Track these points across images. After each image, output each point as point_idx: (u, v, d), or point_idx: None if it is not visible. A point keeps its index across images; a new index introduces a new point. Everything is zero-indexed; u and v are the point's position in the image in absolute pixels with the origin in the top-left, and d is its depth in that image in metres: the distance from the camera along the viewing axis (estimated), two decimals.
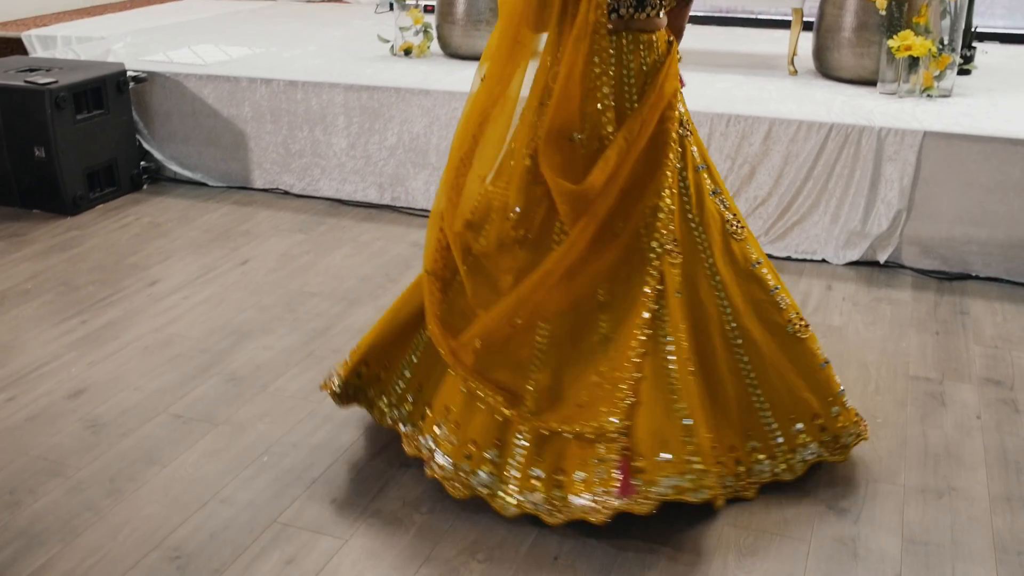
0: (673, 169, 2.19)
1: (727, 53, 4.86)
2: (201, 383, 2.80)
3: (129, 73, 4.40)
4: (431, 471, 2.23)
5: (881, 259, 3.58)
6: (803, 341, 2.30)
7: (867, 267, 3.59)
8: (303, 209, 4.23)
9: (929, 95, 3.84)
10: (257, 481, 2.36)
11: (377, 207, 4.24)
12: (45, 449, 2.49)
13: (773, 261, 2.89)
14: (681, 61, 2.28)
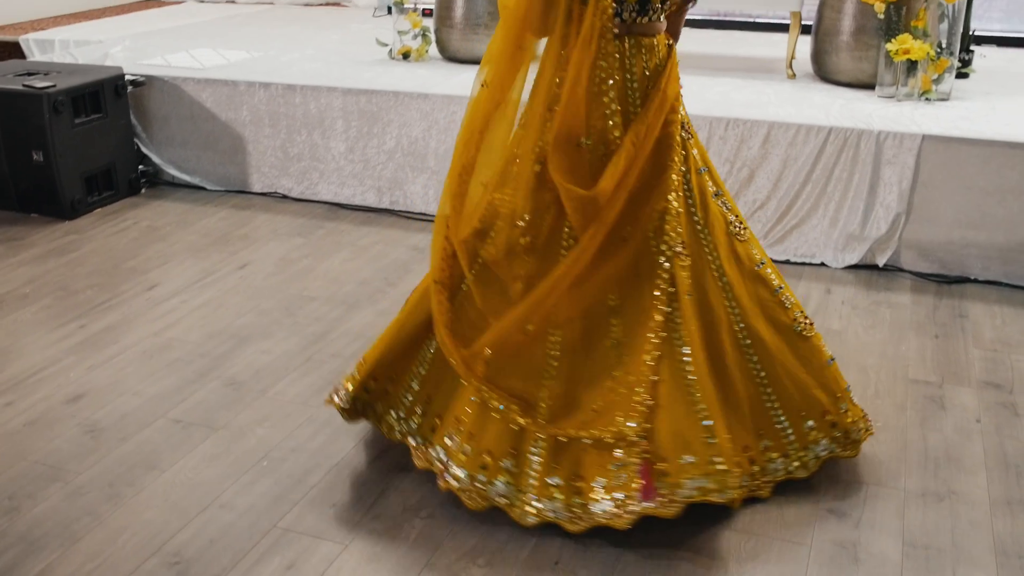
0: (678, 172, 2.20)
1: (725, 57, 4.86)
2: (200, 388, 2.79)
3: (127, 77, 4.39)
4: (445, 483, 2.20)
5: (880, 262, 3.59)
6: (809, 339, 2.33)
7: (866, 270, 3.59)
8: (301, 213, 4.22)
9: (927, 99, 3.85)
10: (257, 486, 2.35)
11: (376, 211, 4.24)
12: (44, 454, 2.48)
13: None
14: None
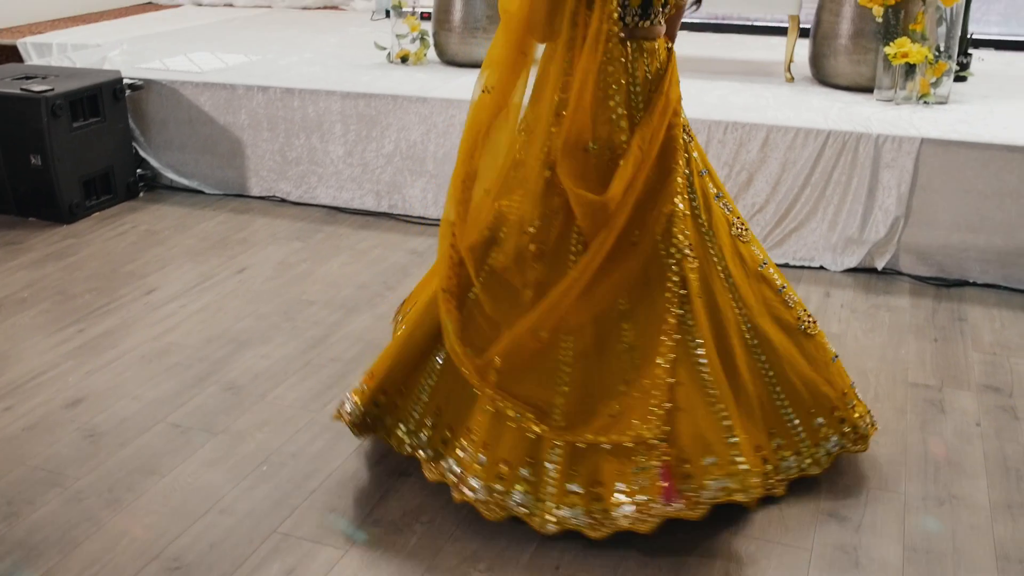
0: (683, 175, 2.21)
1: (723, 60, 4.86)
2: (199, 392, 2.79)
3: (125, 81, 4.38)
4: (460, 495, 2.17)
5: (879, 266, 3.59)
6: (814, 337, 2.36)
7: (865, 274, 3.59)
8: (300, 217, 4.22)
9: (926, 102, 3.85)
10: (257, 491, 2.35)
11: (374, 215, 4.23)
12: (43, 459, 2.48)
13: None
14: None
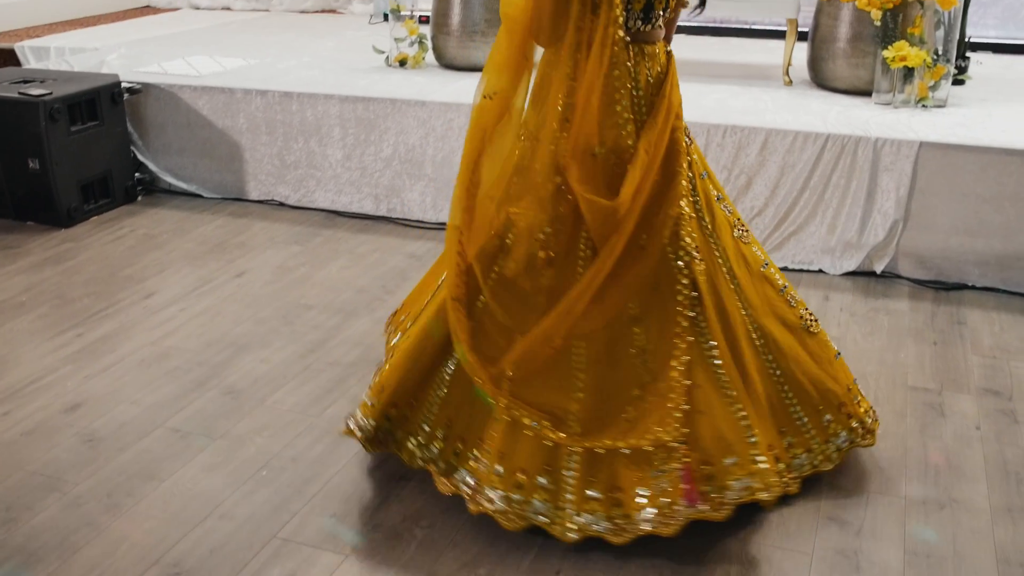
0: (687, 177, 2.21)
1: (722, 63, 4.87)
2: (198, 396, 2.78)
3: (123, 84, 4.38)
4: (477, 506, 2.15)
5: (878, 269, 3.59)
6: (817, 335, 2.38)
7: (864, 277, 3.59)
8: (299, 221, 4.22)
9: (924, 105, 3.86)
10: (256, 496, 2.34)
11: (373, 218, 4.23)
12: (41, 464, 2.47)
13: None
14: None
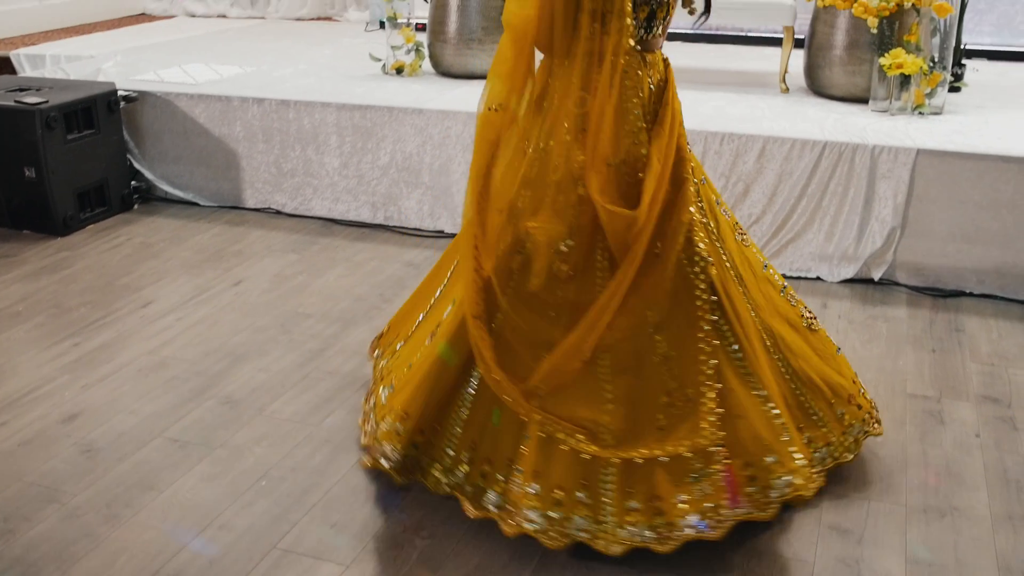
0: (693, 183, 2.22)
1: (718, 71, 4.87)
2: (197, 406, 2.77)
3: (120, 92, 4.37)
4: (514, 528, 2.10)
5: (875, 277, 3.59)
6: (818, 332, 2.43)
7: (861, 285, 3.60)
8: (296, 229, 4.21)
9: (921, 112, 3.87)
10: (256, 506, 2.33)
11: (370, 226, 4.22)
12: (39, 475, 2.46)
13: None
14: None
